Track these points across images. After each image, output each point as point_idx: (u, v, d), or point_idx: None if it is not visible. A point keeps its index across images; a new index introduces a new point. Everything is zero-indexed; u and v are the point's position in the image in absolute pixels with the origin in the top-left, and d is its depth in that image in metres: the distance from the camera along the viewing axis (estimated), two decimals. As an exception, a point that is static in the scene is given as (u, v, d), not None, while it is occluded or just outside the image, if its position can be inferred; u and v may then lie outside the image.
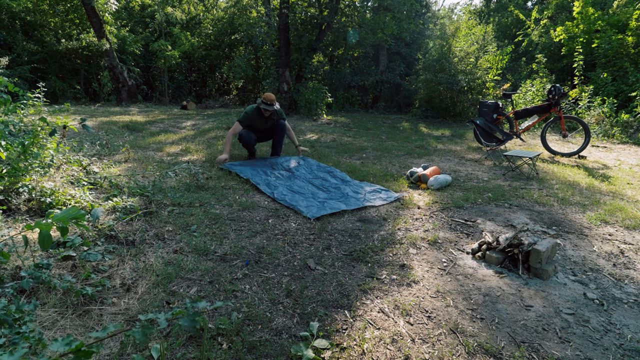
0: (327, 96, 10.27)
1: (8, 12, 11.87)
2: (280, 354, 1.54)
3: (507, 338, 1.67)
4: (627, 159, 5.43)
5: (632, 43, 8.41)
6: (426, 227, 2.87)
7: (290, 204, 3.23)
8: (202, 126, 7.48)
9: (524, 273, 2.20)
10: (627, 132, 7.12)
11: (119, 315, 1.72)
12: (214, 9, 16.22)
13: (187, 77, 15.61)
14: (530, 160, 4.48)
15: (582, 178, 4.26)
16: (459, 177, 4.29)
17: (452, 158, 5.41)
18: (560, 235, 2.74)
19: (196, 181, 3.69)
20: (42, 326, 1.59)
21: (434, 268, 2.27)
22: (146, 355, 1.49)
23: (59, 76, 12.85)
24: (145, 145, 5.44)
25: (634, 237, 2.73)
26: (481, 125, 5.87)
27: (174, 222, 2.75)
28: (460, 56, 9.82)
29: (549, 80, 9.57)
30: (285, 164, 4.32)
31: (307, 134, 7.05)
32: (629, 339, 1.67)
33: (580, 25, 9.44)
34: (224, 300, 1.87)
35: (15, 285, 1.73)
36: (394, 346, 1.61)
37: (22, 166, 2.65)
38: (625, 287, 2.09)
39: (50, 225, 1.10)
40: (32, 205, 2.65)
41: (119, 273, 2.04)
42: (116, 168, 3.99)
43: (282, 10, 9.36)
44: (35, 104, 3.23)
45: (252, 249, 2.44)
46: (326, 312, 1.81)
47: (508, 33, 14.04)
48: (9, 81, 2.55)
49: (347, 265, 2.27)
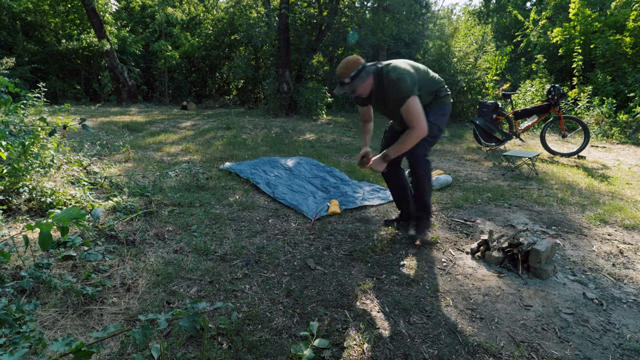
0: (326, 96, 10.27)
1: (9, 12, 11.88)
2: (280, 353, 1.54)
3: (506, 338, 1.67)
4: (626, 159, 5.43)
5: (630, 43, 8.43)
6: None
7: (290, 204, 3.23)
8: (202, 126, 7.49)
9: (524, 273, 2.20)
10: (626, 132, 7.13)
11: (119, 315, 1.72)
12: (214, 9, 16.22)
13: (187, 77, 15.62)
14: (530, 160, 4.49)
15: (582, 178, 4.26)
16: (459, 177, 4.30)
17: (452, 158, 5.41)
18: (560, 235, 2.75)
19: (196, 181, 3.70)
20: (43, 326, 1.59)
21: (433, 268, 2.27)
22: (146, 355, 1.50)
23: (59, 76, 12.86)
24: (145, 145, 5.45)
25: (633, 237, 2.74)
26: (481, 125, 5.87)
27: (174, 222, 2.75)
28: (460, 56, 9.83)
29: (548, 80, 9.58)
30: (285, 163, 4.32)
31: (306, 134, 7.05)
32: (628, 339, 1.68)
33: (577, 26, 9.46)
34: (224, 300, 1.88)
35: (16, 285, 1.73)
36: (394, 346, 1.61)
37: (23, 166, 2.65)
38: (624, 287, 2.10)
39: (50, 225, 1.11)
40: (32, 205, 2.65)
41: (119, 273, 2.05)
42: (116, 168, 3.99)
43: (281, 11, 9.36)
44: (36, 104, 3.24)
45: (252, 248, 2.45)
46: (326, 312, 1.82)
47: (507, 33, 14.06)
48: (9, 81, 2.56)
49: (347, 265, 2.28)
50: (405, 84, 2.20)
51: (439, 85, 2.42)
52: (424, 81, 2.36)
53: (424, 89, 2.35)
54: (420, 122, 2.22)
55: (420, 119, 2.22)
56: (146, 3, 15.07)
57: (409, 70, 2.27)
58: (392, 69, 2.27)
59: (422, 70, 2.39)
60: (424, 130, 2.23)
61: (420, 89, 2.32)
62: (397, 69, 2.26)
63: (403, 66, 2.29)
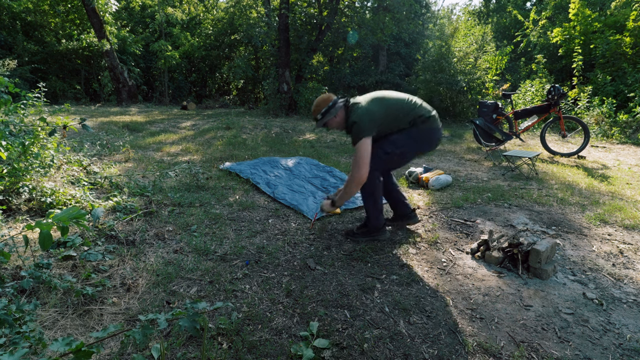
0: (327, 96, 10.25)
1: (9, 12, 11.88)
2: (280, 353, 1.54)
3: (506, 338, 1.67)
4: (626, 159, 5.43)
5: (630, 43, 8.43)
6: (426, 227, 2.88)
7: (290, 204, 3.23)
8: (202, 126, 7.49)
9: (524, 273, 2.20)
10: (626, 132, 7.12)
11: (119, 315, 1.72)
12: (214, 9, 16.23)
13: (187, 77, 15.63)
14: (530, 160, 4.49)
15: (582, 178, 4.26)
16: (459, 178, 4.30)
17: (452, 158, 5.41)
18: (560, 235, 2.75)
19: (196, 181, 3.70)
20: (43, 326, 1.59)
21: (433, 268, 2.28)
22: (146, 355, 1.50)
23: (59, 76, 12.86)
24: (145, 145, 5.45)
25: (633, 237, 2.74)
26: (481, 125, 5.87)
27: (174, 222, 2.76)
28: (460, 56, 9.83)
29: (548, 80, 9.58)
30: (285, 163, 4.32)
31: (306, 134, 7.05)
32: (628, 339, 1.68)
33: (577, 26, 9.46)
34: (224, 300, 1.88)
35: (16, 285, 1.73)
36: (394, 346, 1.61)
37: (23, 166, 2.65)
38: (624, 287, 2.10)
39: (50, 225, 1.11)
40: (32, 205, 2.65)
41: (119, 273, 2.05)
42: (116, 168, 3.99)
43: (281, 11, 9.36)
44: (36, 104, 3.24)
45: (252, 248, 2.45)
46: (326, 312, 1.82)
47: (507, 33, 14.06)
48: (9, 82, 2.56)
49: (347, 265, 2.28)
50: (359, 127, 2.30)
51: (420, 112, 2.43)
52: (396, 114, 2.41)
53: (395, 122, 2.41)
54: (360, 167, 2.31)
55: (362, 163, 2.30)
56: (146, 3, 15.07)
57: (369, 111, 2.35)
58: (355, 110, 2.37)
59: (393, 103, 2.42)
60: (362, 178, 2.33)
61: (390, 124, 2.40)
62: (358, 110, 2.35)
63: (366, 106, 2.37)
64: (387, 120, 2.39)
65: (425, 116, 2.43)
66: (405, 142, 2.44)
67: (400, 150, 2.45)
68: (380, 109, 2.37)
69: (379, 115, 2.36)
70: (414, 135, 2.43)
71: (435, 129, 2.47)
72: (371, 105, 2.38)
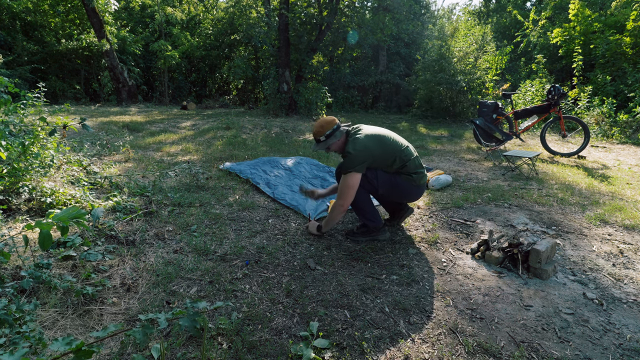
0: (327, 96, 10.27)
1: (8, 12, 11.87)
2: (280, 353, 1.54)
3: (506, 338, 1.67)
4: (626, 159, 5.43)
5: (630, 44, 8.43)
6: (426, 227, 2.88)
7: (290, 204, 3.23)
8: (201, 126, 7.49)
9: (524, 273, 2.20)
10: (626, 132, 7.12)
11: (119, 315, 1.72)
12: (214, 9, 16.22)
13: (187, 77, 15.62)
14: (530, 160, 4.49)
15: (582, 178, 4.26)
16: (459, 178, 4.30)
17: (452, 158, 5.41)
18: (560, 235, 2.75)
19: (196, 181, 3.70)
20: (43, 326, 1.59)
21: (433, 268, 2.27)
22: (146, 355, 1.50)
23: (59, 76, 12.86)
24: (145, 145, 5.45)
25: (633, 237, 2.74)
26: (481, 125, 5.87)
27: (174, 222, 2.75)
28: (459, 56, 9.83)
29: (548, 80, 9.58)
30: (285, 163, 4.32)
31: (306, 134, 7.05)
32: (628, 339, 1.68)
33: (577, 27, 9.46)
34: (224, 300, 1.88)
35: (16, 285, 1.73)
36: (394, 346, 1.61)
37: (23, 166, 2.65)
38: (624, 287, 2.10)
39: (50, 225, 1.11)
40: (32, 205, 2.65)
41: (119, 273, 2.05)
42: (116, 168, 3.99)
43: (281, 11, 9.36)
44: (36, 104, 3.23)
45: (252, 248, 2.45)
46: (326, 312, 1.81)
47: (507, 33, 14.06)
48: (9, 81, 2.56)
49: (347, 265, 2.28)
50: (352, 161, 2.32)
51: (410, 167, 2.45)
52: (391, 159, 2.44)
53: (384, 164, 2.45)
54: (345, 198, 2.38)
55: (349, 195, 2.37)
56: (146, 3, 15.06)
57: (366, 147, 2.36)
58: (353, 141, 2.39)
59: (391, 149, 2.44)
60: (346, 206, 2.41)
61: (380, 164, 2.45)
62: (356, 142, 2.36)
63: (365, 141, 2.38)
64: (379, 161, 2.43)
65: (411, 173, 2.47)
66: (388, 182, 2.49)
67: (381, 189, 2.50)
68: (377, 149, 2.40)
69: (373, 154, 2.39)
70: (394, 180, 2.48)
71: (415, 186, 2.51)
72: (370, 142, 2.39)
